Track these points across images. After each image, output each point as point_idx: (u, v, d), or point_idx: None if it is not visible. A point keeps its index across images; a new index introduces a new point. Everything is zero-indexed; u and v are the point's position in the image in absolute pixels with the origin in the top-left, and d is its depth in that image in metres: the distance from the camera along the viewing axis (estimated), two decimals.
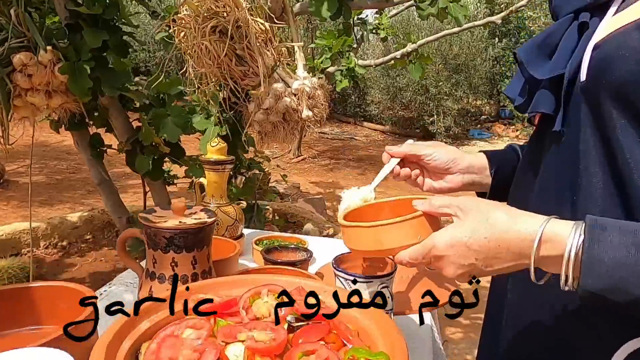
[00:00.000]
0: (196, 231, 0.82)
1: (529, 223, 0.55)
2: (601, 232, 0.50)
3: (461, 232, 0.59)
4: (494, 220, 0.57)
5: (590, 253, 0.50)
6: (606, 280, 0.49)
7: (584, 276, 0.50)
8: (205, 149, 2.08)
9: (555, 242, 0.53)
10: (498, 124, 10.07)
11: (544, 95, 0.66)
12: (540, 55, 0.67)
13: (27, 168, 4.79)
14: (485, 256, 0.57)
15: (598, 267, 0.49)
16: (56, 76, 1.85)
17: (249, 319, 0.65)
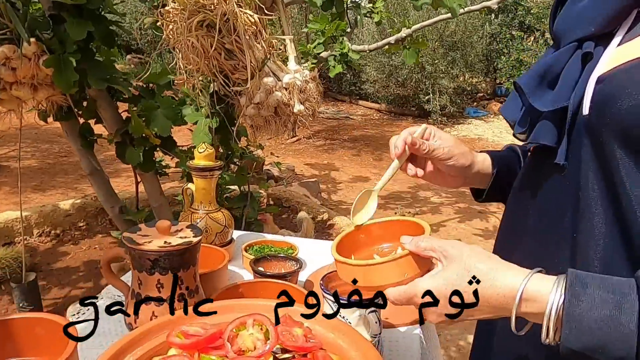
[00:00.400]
0: (181, 252, 0.81)
1: (509, 279, 0.55)
2: (582, 290, 0.50)
3: (442, 283, 0.59)
4: (475, 274, 0.57)
5: (570, 312, 0.50)
6: (587, 340, 0.49)
7: (565, 334, 0.50)
8: (199, 141, 2.07)
9: (536, 300, 0.53)
10: (494, 101, 10.01)
11: (545, 127, 0.65)
12: (541, 85, 0.65)
13: (17, 152, 4.74)
14: (468, 310, 0.58)
15: (579, 326, 0.49)
16: (41, 69, 1.81)
17: (234, 352, 0.64)
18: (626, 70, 0.56)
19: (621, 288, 0.49)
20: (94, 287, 2.66)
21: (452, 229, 4.20)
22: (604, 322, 0.48)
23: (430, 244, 0.63)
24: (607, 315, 0.48)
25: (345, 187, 5.11)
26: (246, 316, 0.69)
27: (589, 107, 0.59)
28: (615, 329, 0.47)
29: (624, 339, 0.47)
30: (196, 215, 1.17)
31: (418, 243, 0.64)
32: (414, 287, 0.62)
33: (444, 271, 0.60)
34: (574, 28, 0.65)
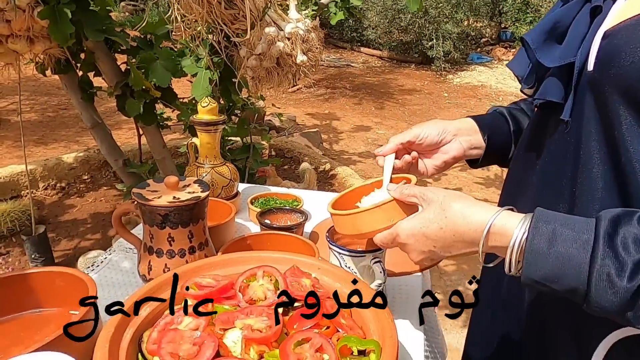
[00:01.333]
0: (191, 207, 0.83)
1: (481, 215, 0.59)
2: (544, 225, 0.54)
3: (420, 222, 0.65)
4: (450, 212, 0.62)
5: (532, 245, 0.54)
6: (544, 271, 0.53)
7: (525, 265, 0.54)
8: (198, 93, 2.05)
9: (502, 234, 0.57)
10: (499, 47, 9.77)
11: (552, 83, 0.65)
12: (549, 40, 0.65)
13: (17, 105, 4.70)
14: (442, 244, 0.63)
15: (537, 258, 0.53)
16: (36, 21, 1.77)
17: (246, 301, 0.67)
18: (631, 25, 0.55)
19: (580, 225, 0.53)
20: (102, 239, 2.73)
21: (453, 177, 4.23)
22: (561, 255, 0.52)
23: (412, 190, 0.68)
24: (564, 249, 0.52)
25: (347, 136, 5.10)
26: (256, 268, 0.72)
27: (594, 62, 0.59)
28: (570, 262, 0.51)
29: (577, 272, 0.51)
30: (202, 170, 1.18)
31: (402, 190, 0.69)
32: (395, 228, 0.68)
33: (422, 212, 0.65)
34: None
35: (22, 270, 0.73)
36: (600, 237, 0.51)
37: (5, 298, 0.72)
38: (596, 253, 0.50)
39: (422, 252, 0.66)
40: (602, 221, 0.52)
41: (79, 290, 0.70)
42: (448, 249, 0.63)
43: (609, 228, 0.51)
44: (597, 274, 0.50)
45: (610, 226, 0.51)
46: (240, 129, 2.65)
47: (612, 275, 0.49)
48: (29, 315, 0.73)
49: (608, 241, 0.50)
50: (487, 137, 0.88)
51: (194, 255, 0.86)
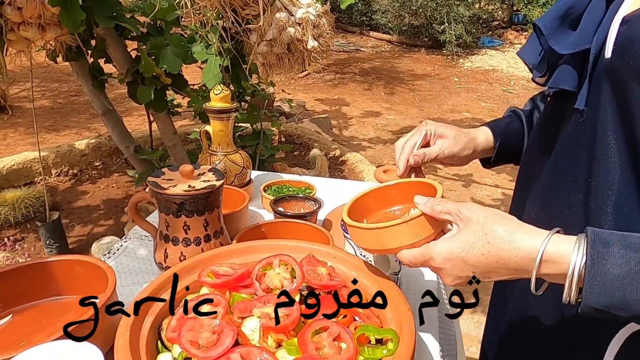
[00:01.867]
0: (206, 195, 0.83)
1: (528, 241, 0.54)
2: (604, 249, 0.50)
3: (459, 246, 0.58)
4: (493, 237, 0.56)
5: (593, 271, 0.49)
6: (609, 297, 0.49)
7: (587, 293, 0.50)
8: (208, 80, 2.04)
9: (556, 262, 0.53)
10: (510, 30, 9.61)
11: (566, 71, 0.63)
12: (562, 26, 0.62)
13: (29, 92, 4.73)
14: (483, 270, 0.57)
15: (601, 283, 0.49)
16: (47, 8, 1.76)
17: (262, 290, 0.68)
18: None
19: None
20: (115, 225, 2.75)
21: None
22: (627, 279, 0.48)
23: (445, 206, 0.62)
24: (629, 272, 0.48)
25: (356, 122, 5.07)
26: (272, 256, 0.72)
27: (612, 49, 0.57)
28: (638, 285, 0.47)
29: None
30: (215, 157, 1.18)
31: (433, 206, 0.62)
32: (428, 249, 0.61)
33: (460, 234, 0.59)
34: None
35: (42, 259, 0.74)
36: None
37: (27, 285, 0.73)
38: None
39: (459, 277, 0.60)
40: None
41: (98, 278, 0.71)
42: (489, 275, 0.58)
43: None
44: None
45: None
46: (250, 115, 2.64)
47: None
48: (50, 302, 0.74)
49: None
50: (499, 144, 0.88)
51: (209, 243, 0.87)
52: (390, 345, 0.58)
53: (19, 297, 0.73)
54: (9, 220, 2.62)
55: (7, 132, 3.94)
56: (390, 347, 0.58)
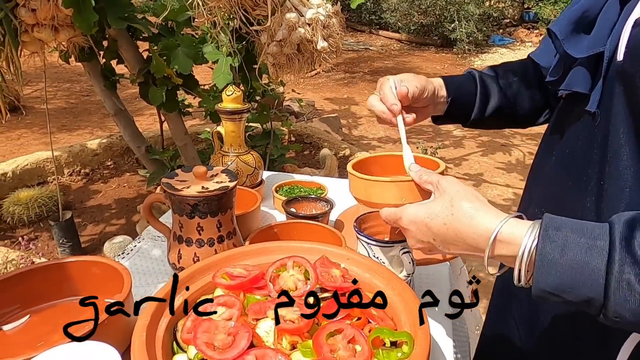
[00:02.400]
0: (219, 197, 0.84)
1: (487, 220, 0.56)
2: (554, 232, 0.50)
3: (425, 211, 0.62)
4: (457, 210, 0.59)
5: (542, 253, 0.50)
6: (557, 280, 0.49)
7: (537, 275, 0.51)
8: (219, 80, 2.05)
9: (510, 243, 0.54)
10: (521, 28, 9.54)
11: (579, 73, 0.63)
12: (576, 30, 0.62)
13: (41, 92, 4.78)
14: (442, 239, 0.60)
15: (549, 267, 0.50)
16: (61, 10, 1.78)
17: (276, 291, 0.68)
18: None
19: (594, 231, 0.49)
20: (127, 224, 2.78)
21: (474, 162, 4.18)
22: (575, 263, 0.48)
23: (430, 177, 0.66)
24: (577, 257, 0.48)
25: (366, 121, 5.07)
26: (286, 258, 0.73)
27: (624, 52, 0.56)
28: (585, 271, 0.48)
29: (592, 280, 0.48)
30: (227, 158, 1.19)
31: (421, 175, 0.67)
32: (401, 210, 0.65)
33: (431, 202, 0.63)
34: None
35: (59, 259, 0.75)
36: (617, 242, 0.47)
37: (44, 286, 0.74)
38: (613, 259, 0.47)
39: (420, 241, 0.64)
40: (617, 225, 0.49)
41: (114, 279, 0.72)
42: (447, 246, 0.61)
43: (625, 232, 0.48)
44: (615, 282, 0.46)
45: (627, 230, 0.48)
46: (260, 115, 2.65)
47: (632, 282, 0.45)
48: (67, 302, 0.75)
49: (625, 246, 0.47)
50: (450, 99, 0.88)
51: (222, 244, 0.87)
52: (405, 348, 0.58)
53: (36, 298, 0.74)
54: (22, 220, 2.66)
55: (20, 132, 3.99)
56: (405, 350, 0.57)
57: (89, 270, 0.75)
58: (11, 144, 3.81)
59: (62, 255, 2.43)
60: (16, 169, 2.97)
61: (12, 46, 1.84)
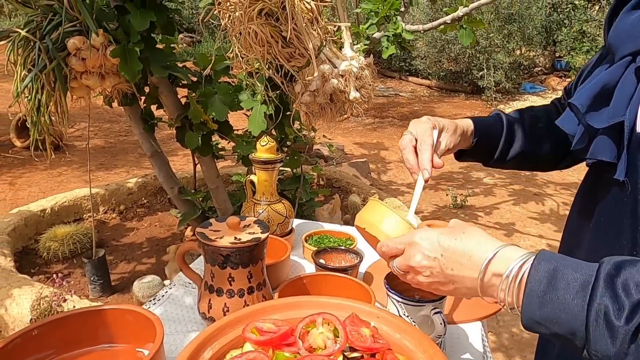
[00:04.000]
0: (251, 248, 0.85)
1: (495, 243, 0.60)
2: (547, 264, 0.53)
3: (439, 230, 0.65)
4: (469, 232, 0.63)
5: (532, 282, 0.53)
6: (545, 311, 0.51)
7: (525, 305, 0.53)
8: (254, 128, 2.11)
9: (502, 261, 0.57)
10: (553, 76, 9.52)
11: (603, 142, 0.64)
12: (596, 102, 0.64)
13: (83, 131, 5.01)
14: (450, 255, 0.62)
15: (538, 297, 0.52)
16: (108, 59, 1.90)
17: (305, 349, 0.68)
18: None
19: (584, 268, 0.51)
20: (157, 263, 2.82)
21: (505, 211, 4.10)
22: (561, 296, 0.50)
23: None
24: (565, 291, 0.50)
25: (395, 166, 5.07)
26: (316, 314, 0.72)
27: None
28: (570, 304, 0.50)
29: (576, 313, 0.49)
30: (258, 207, 1.21)
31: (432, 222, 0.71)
32: (412, 232, 0.68)
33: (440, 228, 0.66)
34: (627, 41, 0.64)
35: (95, 307, 0.77)
36: (601, 277, 0.49)
37: (80, 332, 0.76)
38: (595, 293, 0.49)
39: (427, 257, 0.64)
40: (605, 264, 0.51)
41: (147, 328, 0.73)
42: (452, 265, 0.62)
43: (612, 270, 0.50)
44: (594, 313, 0.48)
45: (613, 269, 0.50)
46: (291, 160, 2.70)
47: (609, 314, 0.47)
48: (101, 350, 0.77)
49: (608, 281, 0.49)
50: (476, 140, 0.91)
51: (252, 295, 0.88)
52: None
53: (71, 344, 0.75)
54: (57, 255, 2.73)
55: (61, 170, 4.16)
56: None
57: (123, 317, 0.76)
58: (52, 180, 3.97)
59: (92, 292, 2.47)
60: (55, 206, 3.08)
61: (61, 91, 1.95)
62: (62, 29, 1.83)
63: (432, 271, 0.64)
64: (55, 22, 1.84)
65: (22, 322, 2.02)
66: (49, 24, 1.82)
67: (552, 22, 8.98)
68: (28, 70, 1.82)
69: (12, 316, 2.07)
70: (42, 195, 3.52)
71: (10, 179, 3.95)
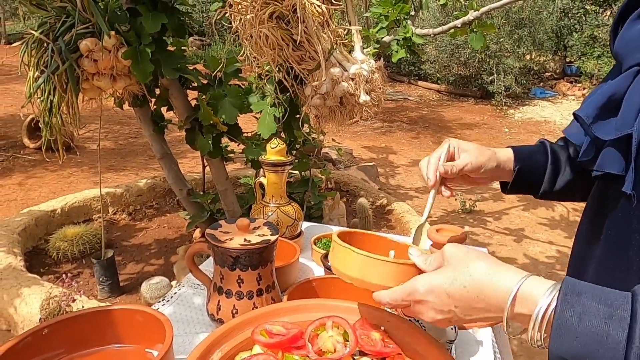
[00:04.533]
0: (260, 250, 0.85)
1: (508, 277, 0.55)
2: (574, 298, 0.49)
3: (442, 278, 0.59)
4: (475, 270, 0.57)
5: (560, 318, 0.49)
6: (575, 347, 0.48)
7: (554, 340, 0.49)
8: (263, 131, 2.11)
9: (527, 300, 0.53)
10: (563, 81, 9.45)
11: (611, 154, 0.63)
12: (603, 113, 0.63)
13: (93, 133, 5.05)
14: (464, 305, 0.58)
15: (566, 333, 0.48)
16: (120, 61, 1.91)
17: (315, 352, 0.67)
18: None
19: (615, 300, 0.48)
20: (165, 264, 2.82)
21: (515, 217, 4.07)
22: (593, 331, 0.47)
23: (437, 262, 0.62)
24: (596, 326, 0.47)
25: (403, 171, 5.06)
26: (325, 318, 0.72)
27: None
28: (604, 340, 0.46)
29: (612, 351, 0.46)
30: (268, 209, 1.21)
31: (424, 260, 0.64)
32: (412, 282, 0.61)
33: (443, 268, 0.60)
34: (635, 51, 0.63)
35: (105, 307, 0.77)
36: (639, 314, 0.46)
37: (90, 332, 0.76)
38: (634, 331, 0.45)
39: (440, 311, 0.59)
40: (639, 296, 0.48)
41: (156, 329, 0.73)
42: (469, 312, 0.58)
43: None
44: (634, 356, 0.45)
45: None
46: (300, 163, 2.70)
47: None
48: (110, 350, 0.77)
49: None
50: (518, 169, 0.87)
51: (261, 297, 0.88)
52: None
53: (81, 343, 0.75)
54: (67, 256, 2.75)
55: (72, 171, 4.20)
56: None
57: (133, 318, 0.76)
58: (62, 181, 4.00)
59: (101, 293, 2.48)
60: (65, 206, 3.10)
61: (73, 92, 1.96)
62: (75, 31, 1.84)
63: (451, 320, 0.61)
64: (68, 24, 1.86)
65: (32, 322, 2.04)
66: (62, 25, 1.84)
67: (563, 27, 8.93)
68: (41, 71, 1.84)
69: (21, 315, 2.08)
70: (53, 196, 3.55)
71: (22, 179, 3.99)
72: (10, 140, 4.74)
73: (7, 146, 4.62)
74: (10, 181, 3.94)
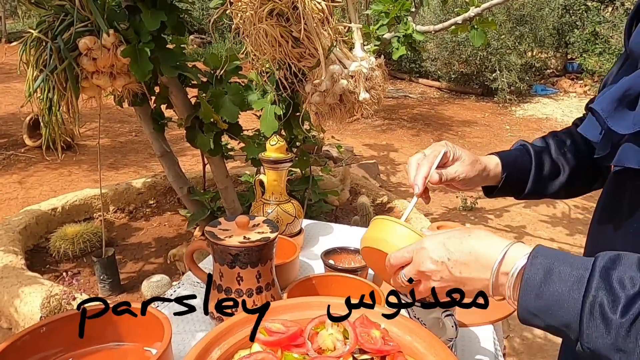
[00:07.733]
0: (260, 248, 0.84)
1: (501, 241, 0.61)
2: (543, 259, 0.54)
3: (444, 234, 0.66)
4: (474, 233, 0.63)
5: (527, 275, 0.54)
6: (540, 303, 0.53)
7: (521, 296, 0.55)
8: (266, 128, 2.11)
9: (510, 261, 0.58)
10: (565, 78, 9.43)
11: (630, 149, 0.62)
12: (620, 107, 0.63)
13: (93, 131, 5.04)
14: (456, 258, 0.62)
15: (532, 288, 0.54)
16: (119, 59, 1.90)
17: (314, 350, 0.67)
18: None
19: (580, 263, 0.53)
20: (165, 263, 2.82)
21: (516, 214, 4.06)
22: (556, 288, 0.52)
23: None
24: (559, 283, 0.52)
25: (404, 168, 5.05)
26: (325, 315, 0.71)
27: None
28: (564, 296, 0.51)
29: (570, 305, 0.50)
30: (267, 206, 1.20)
31: None
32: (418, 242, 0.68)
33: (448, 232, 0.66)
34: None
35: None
36: (597, 271, 0.50)
37: (89, 330, 0.75)
38: (590, 286, 0.50)
39: (434, 260, 0.64)
40: (600, 258, 0.52)
41: (155, 327, 0.73)
42: (460, 268, 0.62)
43: (607, 264, 0.51)
44: (589, 306, 0.49)
45: (609, 262, 0.51)
46: (300, 161, 2.69)
47: (604, 307, 0.48)
48: (109, 348, 0.76)
49: (604, 275, 0.50)
50: (505, 175, 0.89)
51: (260, 295, 0.87)
52: None
53: (80, 341, 0.75)
54: (67, 254, 2.75)
55: (72, 169, 4.19)
56: None
57: (133, 316, 0.76)
58: (63, 180, 4.00)
59: (101, 291, 2.48)
60: (65, 205, 3.10)
61: (72, 91, 1.96)
62: (74, 29, 1.84)
63: (442, 275, 0.64)
64: (67, 22, 1.85)
65: (32, 320, 2.04)
66: (60, 24, 1.83)
67: (564, 23, 8.90)
68: (40, 70, 1.83)
69: (22, 314, 2.08)
70: (53, 194, 3.55)
71: (22, 177, 3.99)
72: (11, 139, 4.74)
73: (8, 145, 4.62)
74: (10, 179, 3.94)
